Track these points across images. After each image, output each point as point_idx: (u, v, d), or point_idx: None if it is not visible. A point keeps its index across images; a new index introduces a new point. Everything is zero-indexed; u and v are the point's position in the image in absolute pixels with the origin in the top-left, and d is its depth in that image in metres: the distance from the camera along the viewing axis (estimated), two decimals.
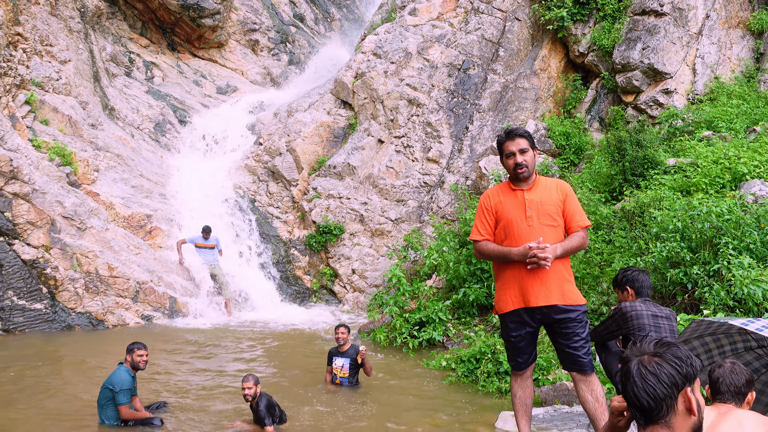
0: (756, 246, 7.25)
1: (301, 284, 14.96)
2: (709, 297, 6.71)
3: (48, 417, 6.90)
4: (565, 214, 4.41)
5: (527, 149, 4.39)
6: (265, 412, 6.36)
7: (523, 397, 4.49)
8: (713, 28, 14.48)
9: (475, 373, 8.43)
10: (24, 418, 6.84)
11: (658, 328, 4.86)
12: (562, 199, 4.42)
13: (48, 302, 11.41)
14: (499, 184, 4.64)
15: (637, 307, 4.93)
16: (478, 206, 4.57)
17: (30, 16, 14.08)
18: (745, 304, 6.54)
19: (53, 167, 12.55)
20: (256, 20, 22.86)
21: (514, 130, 4.45)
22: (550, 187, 4.46)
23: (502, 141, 4.48)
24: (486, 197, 4.56)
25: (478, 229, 4.52)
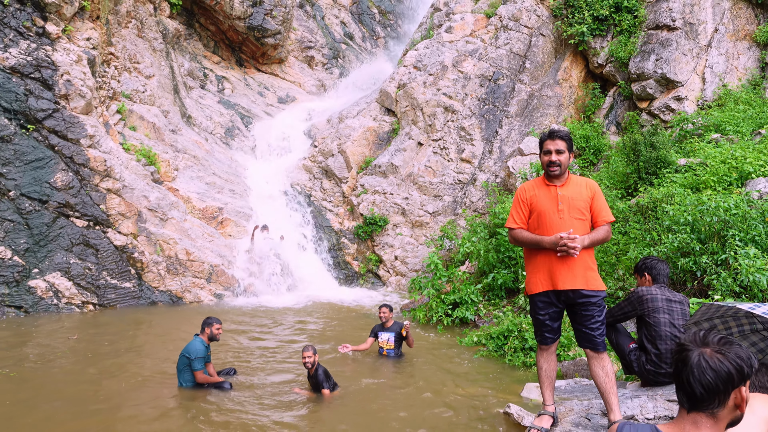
0: (761, 238, 6.98)
1: (350, 268, 15.04)
2: (717, 284, 6.50)
3: (134, 379, 7.10)
4: (592, 210, 4.35)
5: (564, 151, 4.33)
6: (323, 377, 6.43)
7: (548, 369, 4.44)
8: (722, 40, 13.96)
9: (503, 348, 8.35)
10: (114, 380, 7.05)
11: (672, 312, 4.74)
12: (590, 196, 4.35)
13: (135, 282, 11.74)
14: (534, 179, 4.59)
15: (653, 291, 4.83)
16: (515, 198, 4.53)
17: (120, 38, 14.44)
18: (750, 291, 6.32)
19: (140, 167, 12.87)
20: (311, 39, 22.98)
21: (556, 131, 4.39)
22: (581, 185, 4.40)
23: (543, 139, 4.42)
24: (522, 190, 4.52)
25: (513, 218, 4.49)
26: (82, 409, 6.03)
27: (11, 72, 11.27)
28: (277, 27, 20.19)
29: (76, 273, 11.10)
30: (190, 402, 6.31)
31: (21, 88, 11.28)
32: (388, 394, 6.73)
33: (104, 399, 6.34)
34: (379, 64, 23.42)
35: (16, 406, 6.12)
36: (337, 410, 6.12)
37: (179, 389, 6.67)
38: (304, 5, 23.79)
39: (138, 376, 7.24)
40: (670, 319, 4.71)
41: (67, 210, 11.33)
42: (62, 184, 11.32)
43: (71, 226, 11.32)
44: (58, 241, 11.13)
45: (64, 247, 11.15)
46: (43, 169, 11.25)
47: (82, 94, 11.94)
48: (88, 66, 12.44)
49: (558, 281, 4.21)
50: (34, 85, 11.44)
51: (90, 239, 11.40)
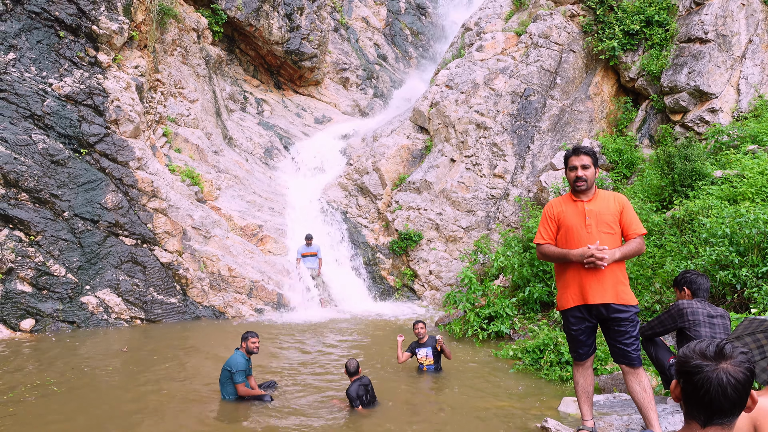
0: None
1: (385, 283, 15.01)
2: (758, 297, 6.26)
3: (179, 391, 7.19)
4: (622, 223, 4.25)
5: (589, 166, 4.26)
6: (354, 395, 6.38)
7: (585, 384, 4.32)
8: (756, 51, 13.58)
9: (539, 362, 8.18)
10: (161, 393, 7.16)
11: (713, 326, 4.58)
12: (619, 209, 4.26)
13: (180, 297, 11.94)
14: (562, 196, 4.52)
15: (694, 304, 4.68)
16: (543, 214, 4.47)
17: (166, 65, 14.87)
18: None
19: (184, 187, 13.15)
20: (346, 61, 23.26)
21: (581, 148, 4.33)
22: (609, 199, 4.31)
23: (569, 155, 4.37)
24: (549, 207, 4.46)
25: (541, 233, 4.42)
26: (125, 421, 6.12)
27: (66, 99, 11.70)
28: (314, 50, 20.51)
29: (125, 289, 11.37)
30: (232, 415, 6.35)
31: (75, 114, 11.70)
32: (426, 409, 6.66)
33: (148, 411, 6.44)
34: (412, 83, 23.54)
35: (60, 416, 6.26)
36: (374, 425, 6.07)
37: (222, 402, 6.73)
38: (339, 29, 24.13)
39: (182, 389, 7.33)
40: (711, 333, 4.54)
41: (117, 229, 11.64)
42: (112, 205, 11.65)
43: (120, 245, 11.61)
44: (108, 259, 11.42)
45: (114, 265, 11.43)
46: (95, 191, 11.60)
47: (130, 119, 12.31)
48: (137, 92, 12.83)
49: (588, 296, 4.12)
50: (86, 111, 11.84)
51: (138, 257, 11.67)
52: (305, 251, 13.96)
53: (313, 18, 20.69)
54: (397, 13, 26.46)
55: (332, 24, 23.58)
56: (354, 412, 6.34)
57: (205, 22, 17.32)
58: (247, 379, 6.86)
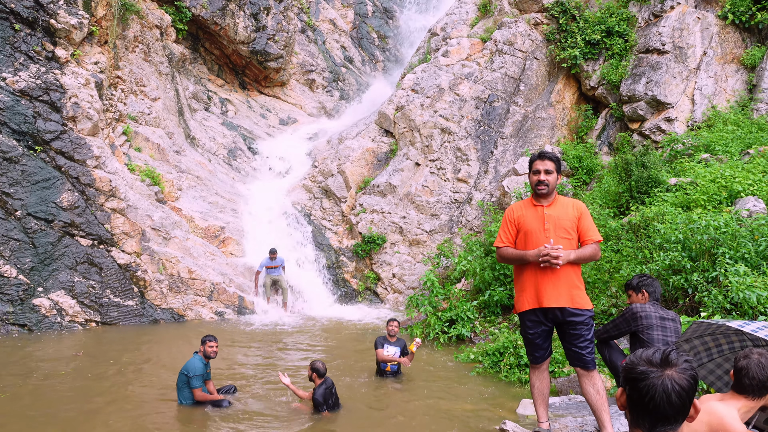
0: (750, 255, 6.95)
1: (348, 286, 14.97)
2: (708, 301, 6.45)
3: (135, 397, 7.02)
4: (579, 229, 4.33)
5: (552, 171, 4.34)
6: (320, 400, 6.31)
7: (541, 387, 4.39)
8: (710, 63, 14.06)
9: (499, 365, 8.27)
10: (116, 398, 6.98)
11: (665, 329, 4.70)
12: (577, 216, 4.35)
13: (138, 300, 11.67)
14: (522, 200, 4.59)
15: (647, 308, 4.79)
16: (503, 218, 4.54)
17: (128, 62, 14.54)
18: (741, 308, 6.26)
19: (144, 187, 12.87)
20: (312, 62, 23.16)
21: (546, 153, 4.41)
22: (567, 205, 4.40)
23: (533, 159, 4.44)
24: (510, 210, 4.52)
25: (501, 237, 4.48)
26: (77, 427, 5.94)
27: (20, 95, 11.32)
28: (280, 51, 20.35)
29: (80, 291, 11.04)
30: (186, 420, 6.22)
31: (30, 110, 11.32)
32: (386, 413, 6.65)
33: (101, 416, 6.26)
34: (379, 86, 23.56)
35: (9, 420, 6.04)
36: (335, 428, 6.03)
37: (178, 407, 6.59)
38: (305, 30, 24.01)
39: (137, 394, 7.15)
40: (663, 335, 4.66)
41: (73, 229, 11.31)
42: (68, 204, 11.31)
43: (76, 245, 11.28)
44: (63, 260, 11.08)
45: (69, 266, 11.10)
46: (50, 189, 11.25)
47: (89, 116, 11.98)
48: (96, 89, 12.50)
49: (544, 299, 4.19)
50: (42, 107, 11.48)
51: (94, 258, 11.36)
52: (269, 264, 13.47)
53: (280, 18, 20.53)
54: (365, 17, 26.48)
55: (299, 25, 23.45)
56: (317, 416, 6.29)
57: (168, 19, 17.00)
58: (204, 384, 6.73)
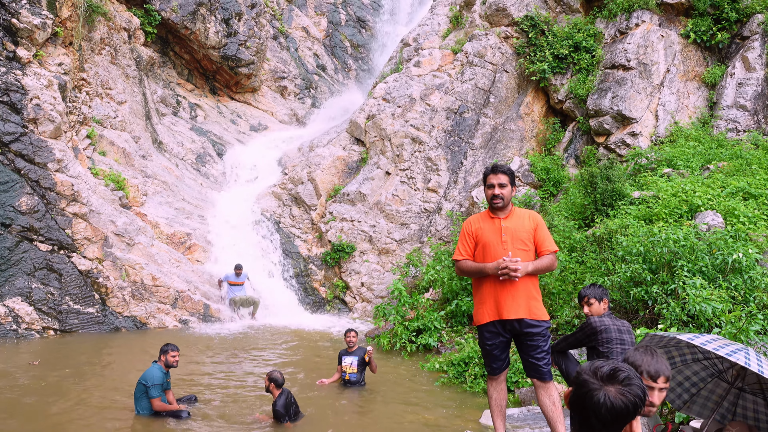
0: (707, 269, 7.13)
1: (317, 295, 14.88)
2: (666, 313, 6.59)
3: (92, 407, 6.85)
4: (536, 241, 4.38)
5: (506, 184, 4.38)
6: (281, 411, 6.25)
7: (498, 399, 4.41)
8: (673, 80, 14.45)
9: (463, 375, 8.30)
10: (73, 408, 6.79)
11: (623, 343, 4.75)
12: (533, 227, 4.39)
13: (99, 307, 11.40)
14: (480, 213, 4.62)
15: (605, 321, 4.82)
16: (461, 231, 4.56)
17: (93, 64, 14.28)
18: (697, 320, 6.41)
19: (108, 191, 12.62)
20: (284, 69, 23.08)
21: (499, 166, 4.44)
22: (524, 217, 4.44)
23: (487, 173, 4.48)
24: (468, 223, 4.55)
25: (459, 250, 4.51)
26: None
27: None
28: (251, 57, 20.24)
29: (38, 298, 10.74)
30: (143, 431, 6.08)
31: None
32: (349, 423, 6.61)
33: (56, 427, 6.08)
34: (351, 95, 23.60)
35: None
36: None
37: (136, 417, 6.45)
38: (278, 37, 23.93)
39: (95, 404, 6.97)
40: (621, 348, 4.72)
41: (31, 234, 11.01)
42: (27, 208, 11.01)
43: (35, 251, 10.98)
44: (20, 266, 10.77)
45: (26, 272, 10.79)
46: (8, 193, 10.94)
47: (51, 119, 11.71)
48: (59, 91, 12.23)
49: (503, 311, 4.22)
50: (1, 108, 11.18)
51: (54, 264, 11.07)
52: (233, 280, 13.22)
53: (252, 24, 20.43)
54: (338, 25, 26.53)
55: (271, 32, 23.36)
56: (278, 427, 6.21)
57: (137, 22, 16.77)
58: (164, 393, 6.60)
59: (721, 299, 6.46)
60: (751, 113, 13.32)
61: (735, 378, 3.66)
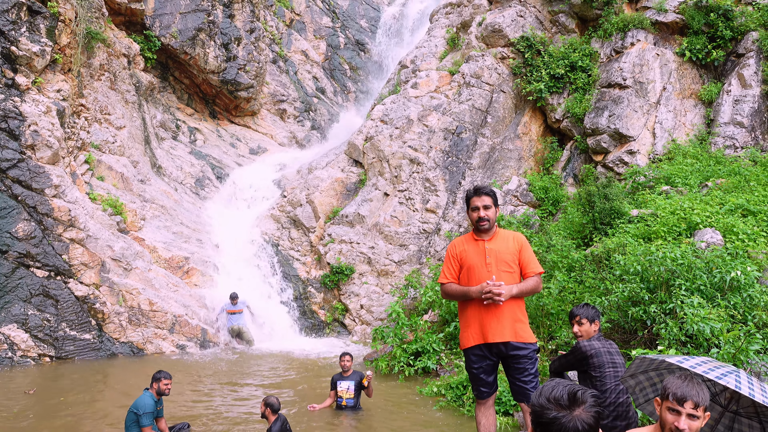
0: (706, 287, 7.05)
1: (316, 317, 14.78)
2: (664, 333, 6.50)
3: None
4: (520, 262, 4.34)
5: (490, 206, 4.35)
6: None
7: (487, 424, 4.33)
8: (669, 98, 14.49)
9: (462, 398, 8.18)
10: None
11: (615, 365, 4.68)
12: (518, 249, 4.35)
13: (96, 333, 11.34)
14: (464, 235, 4.59)
15: (595, 345, 4.74)
16: (446, 253, 4.53)
17: (92, 90, 14.41)
18: (696, 340, 6.32)
19: (106, 216, 12.63)
20: (284, 93, 23.26)
21: (481, 188, 4.42)
22: (508, 239, 4.40)
23: (470, 196, 4.45)
24: (452, 246, 4.52)
25: (444, 273, 4.47)
26: None
27: None
28: (250, 81, 20.41)
29: (34, 325, 10.69)
30: None
31: None
32: None
33: None
34: (350, 117, 23.73)
35: None
36: None
37: None
38: (277, 60, 24.17)
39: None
40: (614, 372, 4.64)
41: (28, 260, 11.00)
42: (24, 234, 11.02)
43: (31, 277, 10.96)
44: (17, 292, 10.74)
45: (23, 298, 10.76)
46: (5, 219, 10.96)
47: (49, 145, 11.78)
48: (57, 117, 12.32)
49: (488, 334, 4.16)
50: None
51: (50, 290, 11.04)
52: (230, 309, 13.09)
53: (251, 49, 20.64)
54: (337, 48, 26.80)
55: (270, 55, 23.59)
56: None
57: (137, 47, 16.96)
58: (156, 422, 6.51)
59: (720, 318, 6.37)
60: (748, 130, 13.32)
61: (728, 401, 3.58)
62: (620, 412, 4.58)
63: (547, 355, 8.55)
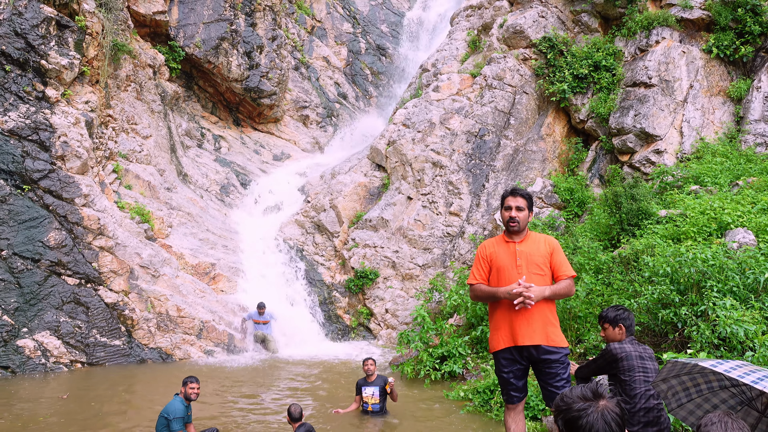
0: (738, 289, 6.89)
1: (341, 322, 14.82)
2: (696, 336, 6.36)
3: None
4: (552, 265, 4.29)
5: (524, 208, 4.33)
6: None
7: (517, 430, 4.28)
8: (697, 96, 14.22)
9: (489, 403, 8.11)
10: None
11: (646, 370, 4.58)
12: (549, 252, 4.31)
13: (125, 339, 11.52)
14: (495, 237, 4.56)
15: (626, 348, 4.65)
16: (476, 255, 4.50)
17: (119, 101, 14.69)
18: (729, 343, 6.17)
19: (134, 224, 12.85)
20: (306, 99, 23.42)
21: (518, 190, 4.40)
22: (539, 241, 4.36)
23: (506, 195, 4.44)
24: (483, 247, 4.49)
25: (474, 274, 4.45)
26: None
27: (9, 134, 11.39)
28: (273, 88, 20.59)
29: (66, 331, 10.91)
30: None
31: (18, 150, 11.38)
32: None
33: None
34: (372, 121, 23.78)
35: None
36: None
37: None
38: (299, 67, 24.35)
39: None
40: (644, 377, 4.55)
41: (59, 268, 11.23)
42: (55, 243, 11.26)
43: (62, 285, 11.19)
44: (49, 300, 10.98)
45: (55, 306, 10.99)
46: (37, 228, 11.22)
47: (78, 155, 12.04)
48: (86, 128, 12.59)
49: (518, 337, 4.12)
50: (31, 146, 11.54)
51: (81, 297, 11.25)
52: (257, 319, 13.06)
53: (273, 56, 20.84)
54: (358, 53, 26.90)
55: (292, 62, 23.79)
56: None
57: (161, 58, 17.25)
58: (185, 427, 6.58)
59: (754, 321, 6.21)
60: None
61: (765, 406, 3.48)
62: (651, 418, 4.49)
63: (575, 359, 8.44)
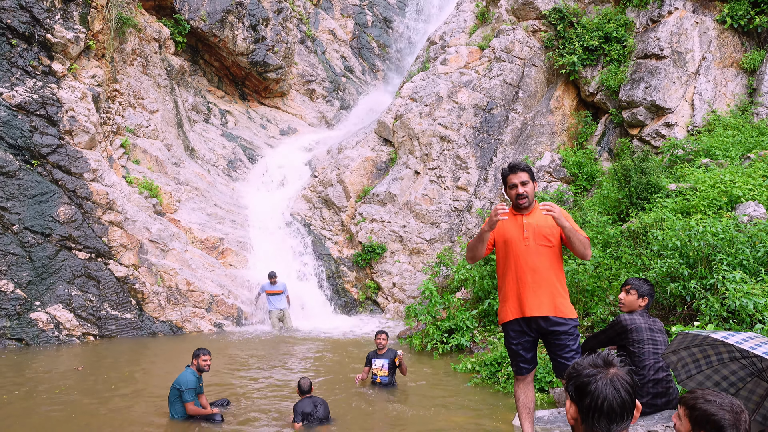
0: (749, 262, 6.84)
1: (349, 296, 14.91)
2: (705, 309, 6.35)
3: (128, 411, 6.98)
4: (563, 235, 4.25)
5: (527, 181, 4.28)
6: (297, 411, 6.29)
7: (526, 400, 4.31)
8: (709, 68, 13.98)
9: (496, 375, 8.17)
10: (108, 412, 6.93)
11: (656, 343, 4.59)
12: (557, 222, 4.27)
13: (136, 312, 11.65)
14: None
15: (636, 320, 4.66)
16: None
17: (125, 75, 14.61)
18: (738, 315, 6.16)
19: (142, 199, 12.89)
20: (312, 73, 23.22)
21: (516, 165, 4.34)
22: None
23: (506, 174, 4.38)
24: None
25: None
26: None
27: (17, 109, 11.38)
28: (279, 62, 20.42)
29: (78, 305, 11.03)
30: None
31: (26, 124, 11.38)
32: (380, 425, 6.57)
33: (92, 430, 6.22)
34: (379, 95, 23.59)
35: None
36: None
37: (170, 421, 6.54)
38: (305, 41, 24.10)
39: (130, 408, 7.10)
40: (653, 348, 4.57)
41: (70, 243, 11.31)
42: (65, 218, 11.32)
43: (73, 259, 11.28)
44: (60, 274, 11.08)
45: (66, 280, 11.10)
46: (47, 203, 11.27)
47: (86, 130, 12.02)
48: (93, 102, 12.55)
49: (526, 308, 4.11)
50: (39, 121, 11.53)
51: (92, 271, 11.35)
52: (270, 289, 12.90)
53: (279, 30, 20.61)
54: (364, 26, 26.56)
55: (298, 36, 23.53)
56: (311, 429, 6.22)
57: (167, 32, 17.09)
58: (197, 398, 6.68)
59: (764, 293, 6.19)
60: None
61: None
62: (660, 389, 4.51)
63: (583, 332, 8.46)
